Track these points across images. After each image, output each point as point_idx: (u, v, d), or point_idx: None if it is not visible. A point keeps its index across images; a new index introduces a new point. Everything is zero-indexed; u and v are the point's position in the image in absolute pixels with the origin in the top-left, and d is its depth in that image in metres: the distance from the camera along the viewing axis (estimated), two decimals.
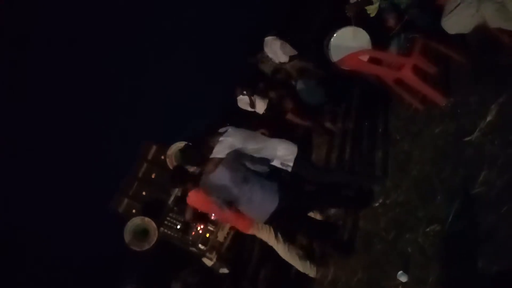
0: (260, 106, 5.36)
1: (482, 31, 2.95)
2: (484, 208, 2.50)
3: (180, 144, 5.90)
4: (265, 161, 3.58)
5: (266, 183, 3.45)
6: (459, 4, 2.88)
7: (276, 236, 3.85)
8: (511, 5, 2.64)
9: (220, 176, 3.42)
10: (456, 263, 2.54)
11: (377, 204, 3.55)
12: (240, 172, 3.44)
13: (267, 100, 5.37)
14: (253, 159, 3.56)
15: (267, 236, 3.88)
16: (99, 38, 7.27)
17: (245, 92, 5.34)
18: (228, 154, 3.48)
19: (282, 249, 3.84)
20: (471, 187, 2.65)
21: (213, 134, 3.61)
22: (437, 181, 2.99)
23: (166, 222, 5.97)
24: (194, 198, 3.82)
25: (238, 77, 6.14)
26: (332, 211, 4.14)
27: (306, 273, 3.87)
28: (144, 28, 7.58)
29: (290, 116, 5.05)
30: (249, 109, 5.45)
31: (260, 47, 5.53)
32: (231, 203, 3.47)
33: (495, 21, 2.75)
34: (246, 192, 3.40)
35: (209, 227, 5.77)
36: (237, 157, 3.49)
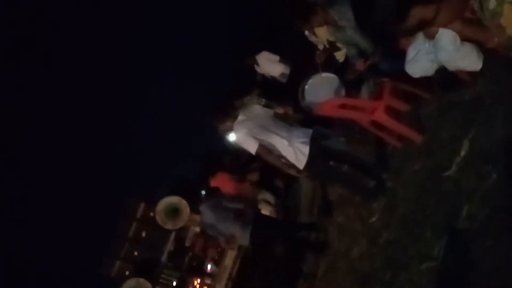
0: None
1: (443, 72, 3.18)
2: (470, 242, 2.60)
3: (169, 199, 5.89)
4: None
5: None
6: (419, 51, 3.11)
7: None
8: (463, 50, 2.88)
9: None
10: None
11: (369, 244, 3.63)
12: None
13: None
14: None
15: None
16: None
17: None
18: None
19: None
20: (456, 222, 2.76)
21: None
22: (423, 217, 3.10)
23: (161, 280, 5.86)
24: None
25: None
26: None
27: None
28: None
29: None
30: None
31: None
32: None
33: (451, 66, 2.99)
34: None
35: (206, 281, 5.70)
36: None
